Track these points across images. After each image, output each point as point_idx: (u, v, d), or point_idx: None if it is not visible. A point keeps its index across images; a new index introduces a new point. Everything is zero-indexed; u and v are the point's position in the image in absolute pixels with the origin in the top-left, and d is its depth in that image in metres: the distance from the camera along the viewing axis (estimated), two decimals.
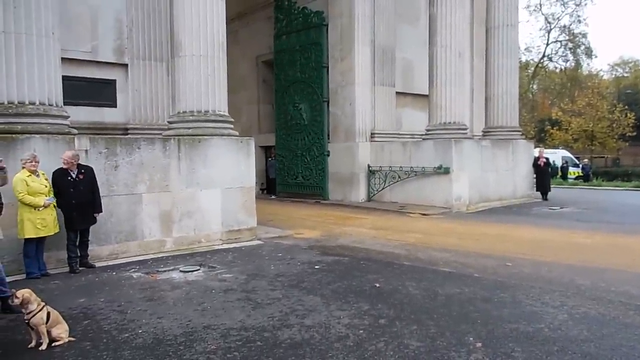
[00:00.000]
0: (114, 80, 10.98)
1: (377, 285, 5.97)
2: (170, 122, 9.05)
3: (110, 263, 7.29)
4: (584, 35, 47.33)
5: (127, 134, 10.66)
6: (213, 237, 8.66)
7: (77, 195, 6.74)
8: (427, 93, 14.52)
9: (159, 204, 8.05)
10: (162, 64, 11.27)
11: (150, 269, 6.95)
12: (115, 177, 7.58)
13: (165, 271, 6.79)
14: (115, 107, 10.99)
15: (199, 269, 6.87)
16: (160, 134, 9.14)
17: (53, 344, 4.25)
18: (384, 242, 8.84)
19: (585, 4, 61.17)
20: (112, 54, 10.87)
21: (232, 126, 9.20)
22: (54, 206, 6.61)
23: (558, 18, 47.21)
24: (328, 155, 15.75)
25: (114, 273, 6.74)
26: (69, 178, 6.73)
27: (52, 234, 6.57)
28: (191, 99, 8.74)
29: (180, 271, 6.76)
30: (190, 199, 8.40)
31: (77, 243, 6.94)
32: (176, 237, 8.25)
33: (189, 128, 8.69)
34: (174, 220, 8.24)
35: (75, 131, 7.55)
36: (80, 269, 6.86)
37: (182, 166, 8.31)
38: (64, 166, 6.71)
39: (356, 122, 15.15)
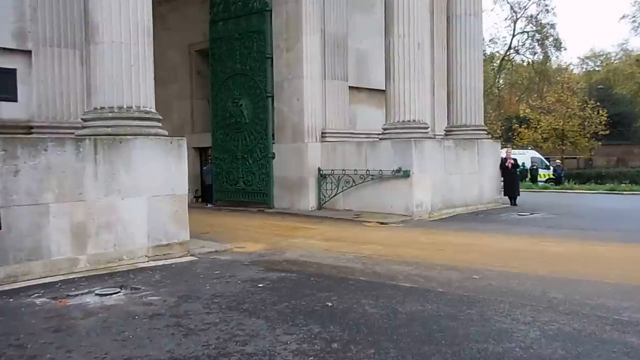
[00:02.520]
0: (14, 70, 10.55)
1: (330, 304, 5.93)
2: (85, 120, 8.74)
3: (7, 287, 6.88)
4: (552, 26, 49.64)
5: (31, 133, 10.25)
6: (137, 253, 8.40)
7: None
8: (383, 88, 14.72)
9: (71, 216, 7.72)
10: (74, 51, 10.92)
11: (59, 293, 6.62)
12: (15, 184, 7.19)
13: (77, 295, 6.50)
14: (16, 101, 10.55)
15: (119, 292, 6.62)
16: (73, 133, 8.81)
17: None
18: (337, 255, 8.85)
19: None
20: (11, 39, 10.43)
21: (160, 124, 8.99)
22: None
23: (524, 7, 49.34)
24: (273, 157, 15.67)
25: (12, 299, 6.37)
26: None
27: None
28: (110, 93, 8.47)
29: (96, 294, 6.49)
30: (110, 209, 8.11)
31: None
32: (92, 255, 7.93)
33: (108, 127, 8.41)
34: (90, 234, 7.92)
35: None
36: None
37: (100, 171, 8.01)
38: None
39: (305, 120, 15.16)
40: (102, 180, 8.03)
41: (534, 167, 30.40)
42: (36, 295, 6.55)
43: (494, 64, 51.83)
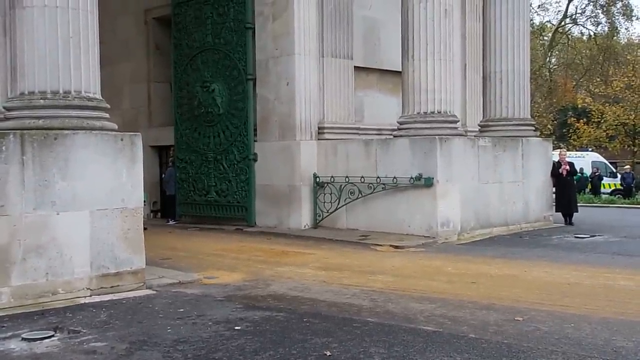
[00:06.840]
0: None
1: (328, 353, 5.97)
2: (8, 109, 8.79)
3: None
4: None
5: None
6: (77, 285, 8.42)
7: None
8: (399, 69, 14.79)
9: None
10: None
11: None
12: None
13: None
14: None
15: (53, 335, 6.65)
16: None
17: None
18: (338, 289, 8.89)
19: None
20: None
21: (107, 115, 9.05)
22: None
23: None
24: (255, 160, 15.73)
25: None
26: None
27: None
28: (43, 73, 8.51)
29: (23, 339, 6.51)
30: (41, 227, 8.14)
31: None
32: (17, 286, 7.95)
33: (40, 118, 8.46)
34: (14, 259, 7.94)
35: None
36: None
37: (28, 176, 8.04)
38: None
39: (296, 111, 15.21)
40: (31, 188, 8.06)
41: (596, 174, 30.49)
42: None
43: (544, 38, 52.04)
